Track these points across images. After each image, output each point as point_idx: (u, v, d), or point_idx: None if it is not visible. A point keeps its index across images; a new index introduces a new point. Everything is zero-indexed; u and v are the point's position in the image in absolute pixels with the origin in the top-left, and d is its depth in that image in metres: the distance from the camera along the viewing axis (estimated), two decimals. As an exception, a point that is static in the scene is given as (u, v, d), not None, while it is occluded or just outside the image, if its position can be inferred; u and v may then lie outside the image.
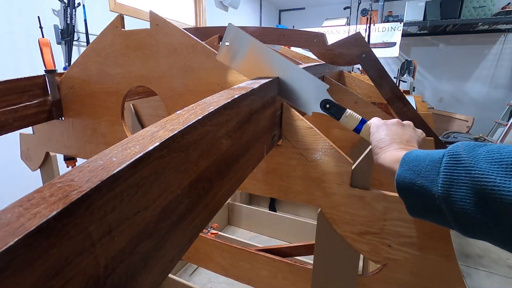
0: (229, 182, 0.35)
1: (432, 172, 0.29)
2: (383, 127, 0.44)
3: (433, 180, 0.28)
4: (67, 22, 1.81)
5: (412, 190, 0.31)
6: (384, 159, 0.39)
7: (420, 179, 0.30)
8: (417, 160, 0.32)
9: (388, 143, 0.40)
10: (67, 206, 0.15)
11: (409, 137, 0.41)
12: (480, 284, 1.49)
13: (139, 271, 0.21)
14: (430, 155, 0.31)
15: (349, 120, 0.48)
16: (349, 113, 0.48)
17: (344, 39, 1.00)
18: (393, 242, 0.47)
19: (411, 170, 0.32)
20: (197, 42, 0.62)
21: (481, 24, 3.56)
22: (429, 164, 0.30)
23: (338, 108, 0.48)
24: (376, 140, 0.43)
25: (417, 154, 0.32)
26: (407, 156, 0.34)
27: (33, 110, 0.76)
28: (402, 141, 0.40)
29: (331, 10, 4.52)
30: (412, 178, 0.31)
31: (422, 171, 0.30)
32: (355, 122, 0.47)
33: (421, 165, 0.31)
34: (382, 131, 0.43)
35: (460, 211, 0.26)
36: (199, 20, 3.26)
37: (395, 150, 0.38)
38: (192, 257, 0.90)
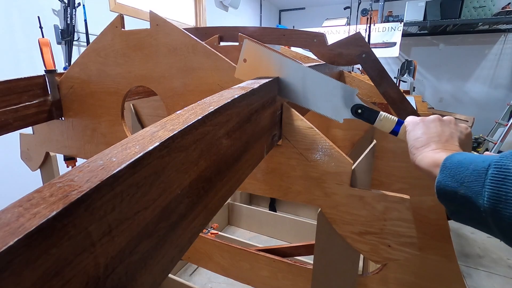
0: (229, 182, 0.35)
1: (476, 183, 0.27)
2: (420, 124, 0.41)
3: (478, 192, 0.27)
4: (67, 22, 1.81)
5: (454, 199, 0.30)
6: (421, 161, 0.37)
7: (463, 189, 0.28)
8: (459, 166, 0.29)
9: (425, 142, 0.38)
10: (67, 206, 0.15)
11: (449, 135, 0.38)
12: (480, 284, 1.49)
13: (139, 271, 0.21)
14: (474, 162, 0.28)
15: (384, 123, 0.46)
16: (383, 116, 0.46)
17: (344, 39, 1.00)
18: (393, 242, 0.47)
19: (452, 177, 0.30)
20: (197, 42, 0.62)
21: (481, 24, 3.57)
22: (472, 173, 0.28)
23: (371, 112, 0.46)
24: (412, 139, 0.40)
25: (459, 160, 0.30)
26: (448, 161, 0.31)
27: (33, 110, 0.76)
28: (441, 140, 0.37)
29: (331, 10, 4.52)
30: (454, 187, 0.29)
31: (465, 180, 0.28)
32: (391, 124, 0.45)
33: (464, 173, 0.29)
34: (418, 129, 0.40)
35: (508, 227, 0.25)
36: (199, 20, 3.26)
37: (433, 151, 0.36)
38: (192, 257, 0.90)
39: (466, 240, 1.86)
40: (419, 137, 0.39)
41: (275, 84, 0.49)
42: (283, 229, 1.78)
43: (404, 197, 0.44)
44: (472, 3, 3.34)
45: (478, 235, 1.90)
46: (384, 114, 0.46)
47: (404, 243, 0.46)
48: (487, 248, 1.76)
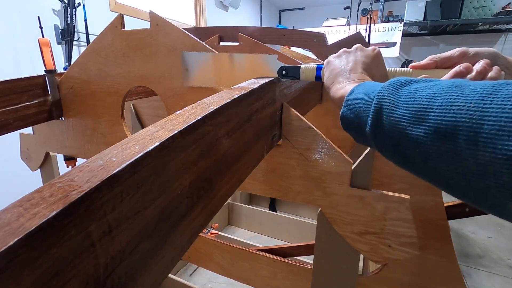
0: (229, 182, 0.35)
1: (365, 113, 0.31)
2: (330, 62, 0.44)
3: (366, 121, 0.31)
4: (67, 22, 1.81)
5: (351, 128, 0.35)
6: (333, 97, 0.40)
7: (357, 119, 0.33)
8: (356, 99, 0.33)
9: (334, 78, 0.41)
10: (67, 206, 0.15)
11: (353, 64, 0.41)
12: (480, 284, 1.49)
13: (139, 271, 0.21)
14: (367, 93, 0.32)
15: (307, 73, 0.48)
16: (304, 67, 0.48)
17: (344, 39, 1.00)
18: (393, 242, 0.47)
19: (351, 109, 0.34)
20: (197, 42, 0.62)
21: (481, 24, 3.56)
22: (364, 105, 0.32)
23: (294, 69, 0.49)
24: (325, 78, 0.44)
25: (358, 92, 0.34)
26: (350, 94, 0.35)
27: (33, 110, 0.76)
28: (345, 73, 0.40)
29: (331, 10, 4.52)
30: (352, 118, 0.34)
31: (359, 111, 0.32)
32: (313, 71, 0.47)
33: (358, 105, 0.33)
34: (328, 68, 0.44)
35: (382, 149, 0.30)
36: (199, 20, 3.26)
37: (340, 86, 0.39)
38: (192, 257, 0.90)
39: (466, 240, 1.86)
40: (329, 74, 0.43)
41: (275, 84, 0.49)
42: (283, 229, 1.78)
43: (404, 197, 0.44)
44: (472, 3, 3.33)
45: (478, 235, 1.90)
46: (304, 65, 0.48)
47: (404, 243, 0.46)
48: (487, 248, 1.76)
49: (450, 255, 0.62)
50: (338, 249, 0.53)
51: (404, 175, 0.75)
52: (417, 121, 0.24)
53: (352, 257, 0.53)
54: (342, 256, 0.53)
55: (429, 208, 0.66)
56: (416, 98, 0.25)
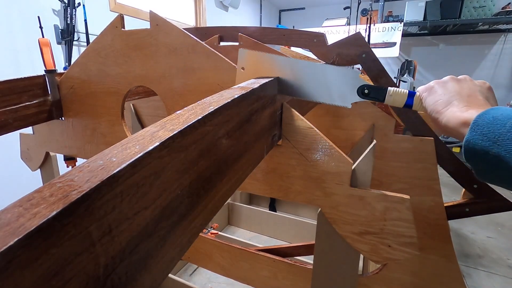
0: (229, 182, 0.35)
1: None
2: (435, 87, 0.39)
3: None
4: (67, 22, 1.81)
5: (484, 158, 0.28)
6: (448, 122, 0.34)
7: (496, 147, 0.26)
8: (494, 123, 0.27)
9: (447, 102, 0.35)
10: (67, 206, 0.15)
11: (469, 91, 0.35)
12: (480, 284, 1.49)
13: (139, 271, 0.21)
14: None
15: (395, 97, 0.44)
16: (393, 91, 0.44)
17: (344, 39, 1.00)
18: (393, 242, 0.47)
19: (484, 135, 0.27)
20: (197, 42, 0.62)
21: (481, 24, 3.56)
22: (510, 130, 0.25)
23: (379, 90, 0.45)
24: (431, 103, 0.38)
25: (495, 117, 0.27)
26: (481, 118, 0.28)
27: (33, 110, 0.76)
28: (462, 97, 0.35)
29: (331, 10, 4.52)
30: (486, 145, 0.27)
31: (500, 138, 0.26)
32: (403, 97, 0.44)
33: (499, 130, 0.26)
34: (435, 92, 0.38)
35: None
36: (199, 20, 3.26)
37: (459, 110, 0.33)
38: (192, 257, 0.90)
39: (466, 240, 1.85)
40: (439, 99, 0.37)
41: (275, 84, 0.49)
42: (283, 229, 1.78)
43: (404, 197, 0.44)
44: (472, 3, 3.33)
45: (478, 235, 1.90)
46: (393, 89, 0.45)
47: (404, 243, 0.46)
48: (487, 248, 1.76)
49: (450, 255, 0.62)
50: (338, 249, 0.53)
51: (404, 175, 0.75)
52: None
53: (352, 257, 0.53)
54: (342, 256, 0.53)
55: (429, 208, 0.66)
56: None
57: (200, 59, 0.62)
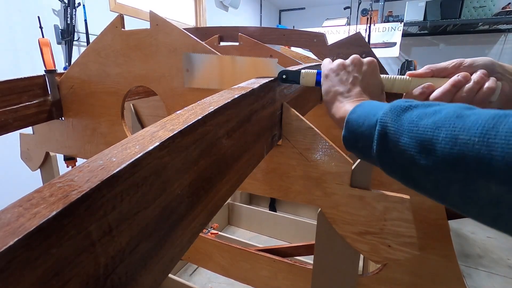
0: (229, 182, 0.35)
1: (369, 138, 0.32)
2: (329, 76, 0.44)
3: (370, 145, 0.32)
4: (67, 22, 1.81)
5: (354, 149, 0.36)
6: (333, 116, 0.41)
7: (360, 142, 0.34)
8: (357, 122, 0.34)
9: (333, 95, 0.42)
10: (67, 206, 0.15)
11: (350, 82, 0.42)
12: (480, 284, 1.49)
13: (139, 271, 0.21)
14: (368, 117, 0.33)
15: (307, 78, 0.48)
16: (305, 72, 0.48)
17: (344, 39, 1.00)
18: (393, 242, 0.47)
19: (352, 132, 0.35)
20: (197, 42, 0.62)
21: (481, 24, 3.56)
22: (366, 129, 0.32)
23: (294, 73, 0.49)
24: (323, 93, 0.44)
25: (358, 115, 0.35)
26: (350, 116, 0.36)
27: (33, 110, 0.76)
28: (344, 90, 0.41)
29: (331, 10, 4.52)
30: (354, 140, 0.35)
31: (361, 135, 0.33)
32: (313, 76, 0.48)
33: (360, 129, 0.33)
34: (326, 83, 0.44)
35: (390, 173, 0.31)
36: (199, 20, 3.26)
37: (340, 105, 0.40)
38: (192, 257, 0.90)
39: (466, 240, 1.86)
40: (328, 90, 0.43)
41: (275, 84, 0.49)
42: (283, 229, 1.78)
43: (404, 197, 0.44)
44: (472, 3, 3.33)
45: (478, 235, 1.90)
46: (305, 71, 0.48)
47: (404, 243, 0.46)
48: (487, 248, 1.76)
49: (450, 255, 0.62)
50: (338, 249, 0.53)
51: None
52: (424, 151, 0.25)
53: (352, 257, 0.53)
54: (342, 256, 0.53)
55: (429, 208, 0.66)
56: (420, 127, 0.26)
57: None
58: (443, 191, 0.25)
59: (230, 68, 0.56)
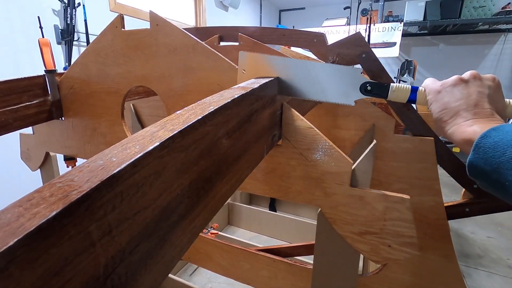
0: (229, 182, 0.35)
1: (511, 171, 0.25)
2: (442, 93, 0.38)
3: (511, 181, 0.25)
4: (67, 22, 1.81)
5: (485, 179, 0.29)
6: (452, 135, 0.34)
7: (496, 174, 0.27)
8: (495, 150, 0.27)
9: (453, 113, 0.35)
10: (67, 206, 0.15)
11: (477, 97, 0.35)
12: (480, 284, 1.49)
13: (139, 271, 0.21)
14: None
15: (398, 93, 0.44)
16: (396, 86, 0.45)
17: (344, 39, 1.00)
18: (393, 242, 0.47)
19: (486, 160, 0.28)
20: (197, 42, 0.62)
21: (481, 24, 3.56)
22: (509, 160, 0.25)
23: (381, 86, 0.45)
24: (437, 111, 0.37)
25: (496, 142, 0.28)
26: (482, 141, 0.29)
27: (33, 110, 0.76)
28: (469, 106, 0.34)
29: (331, 10, 4.52)
30: (487, 170, 0.28)
31: (500, 166, 0.26)
32: (406, 93, 0.44)
33: (500, 158, 0.26)
34: (442, 99, 0.37)
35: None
36: (199, 20, 3.26)
37: (465, 123, 0.33)
38: (192, 257, 0.90)
39: (466, 240, 1.85)
40: (445, 108, 0.36)
41: (275, 84, 0.49)
42: (283, 229, 1.78)
43: (404, 197, 0.44)
44: (472, 3, 3.33)
45: (478, 235, 1.90)
46: (396, 85, 0.45)
47: (404, 243, 0.46)
48: (487, 248, 1.76)
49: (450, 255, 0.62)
50: (338, 249, 0.53)
51: (404, 175, 0.75)
52: None
53: (352, 257, 0.53)
54: (342, 256, 0.53)
55: (429, 208, 0.66)
56: None
57: (200, 59, 0.62)
58: None
59: (319, 75, 0.49)
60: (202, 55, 0.62)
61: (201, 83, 0.64)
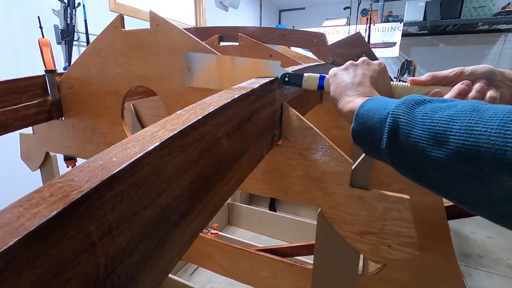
0: (229, 182, 0.35)
1: (379, 130, 0.32)
2: (337, 74, 0.44)
3: (380, 138, 0.31)
4: (67, 22, 1.81)
5: (363, 143, 0.35)
6: (341, 110, 0.40)
7: (369, 135, 0.33)
8: (368, 115, 0.34)
9: (342, 91, 0.42)
10: (67, 206, 0.15)
11: (361, 78, 0.42)
12: (480, 284, 1.49)
13: (139, 271, 0.21)
14: (379, 110, 0.32)
15: (309, 82, 0.48)
16: (307, 76, 0.49)
17: (344, 39, 1.00)
18: (393, 242, 0.47)
19: (362, 125, 0.34)
20: (197, 42, 0.62)
21: (481, 24, 3.56)
22: (377, 121, 0.32)
23: (297, 76, 0.49)
24: (332, 90, 0.44)
25: (369, 109, 0.34)
26: (360, 110, 0.35)
27: (33, 110, 0.76)
28: (354, 86, 0.41)
29: (331, 10, 4.52)
30: (364, 134, 0.34)
31: (371, 127, 0.33)
32: (316, 80, 0.48)
33: (370, 121, 0.33)
34: (336, 80, 0.44)
35: (399, 167, 0.30)
36: (199, 20, 3.26)
37: (349, 99, 0.39)
38: (192, 257, 0.90)
39: (466, 240, 1.86)
40: (337, 87, 0.43)
41: (275, 84, 0.49)
42: (283, 229, 1.78)
43: (404, 197, 0.44)
44: (472, 3, 3.33)
45: (478, 235, 1.90)
46: (308, 74, 0.49)
47: (404, 243, 0.46)
48: (487, 248, 1.76)
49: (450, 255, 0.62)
50: (338, 249, 0.53)
51: (404, 175, 0.75)
52: (437, 143, 0.25)
53: (352, 257, 0.53)
54: (342, 256, 0.53)
55: (429, 208, 0.66)
56: (434, 119, 0.26)
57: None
58: (453, 185, 0.24)
59: (230, 68, 0.56)
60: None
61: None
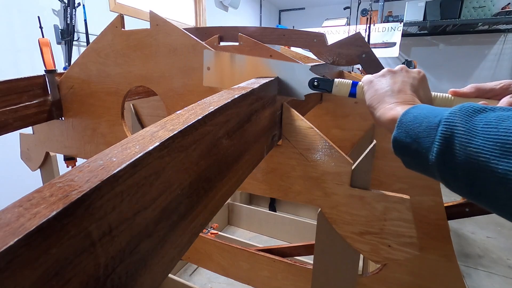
0: (229, 182, 0.35)
1: (427, 139, 0.29)
2: (373, 82, 0.43)
3: (428, 148, 0.29)
4: (67, 22, 1.81)
5: (407, 153, 0.33)
6: (380, 118, 0.38)
7: (415, 144, 0.31)
8: (414, 122, 0.31)
9: (380, 99, 0.40)
10: (67, 206, 0.15)
11: (401, 85, 0.40)
12: (480, 284, 1.49)
13: (139, 271, 0.21)
14: (428, 118, 0.30)
15: (340, 88, 0.48)
16: (338, 81, 0.48)
17: (344, 39, 1.00)
18: (393, 242, 0.47)
19: (407, 133, 0.32)
20: (197, 42, 0.62)
21: (481, 24, 3.57)
22: (425, 129, 0.29)
23: (327, 81, 0.49)
24: (368, 98, 0.42)
25: (415, 116, 0.32)
26: (404, 117, 0.33)
27: (33, 110, 0.76)
28: (393, 93, 0.39)
29: (331, 10, 4.52)
30: (408, 142, 0.32)
31: (418, 136, 0.30)
32: (347, 87, 0.48)
33: (417, 129, 0.30)
34: (372, 87, 0.42)
35: (450, 180, 0.28)
36: (199, 20, 3.26)
37: (389, 107, 0.37)
38: (192, 257, 0.90)
39: (466, 240, 1.86)
40: (374, 94, 0.41)
41: (275, 84, 0.49)
42: (283, 229, 1.78)
43: (404, 197, 0.44)
44: (472, 3, 3.34)
45: (478, 235, 1.90)
46: (339, 80, 0.48)
47: (404, 243, 0.46)
48: (487, 248, 1.76)
49: (450, 255, 0.62)
50: (338, 249, 0.53)
51: (404, 175, 0.75)
52: (505, 155, 0.23)
53: (352, 257, 0.53)
54: (342, 256, 0.53)
55: (429, 208, 0.66)
56: (500, 129, 0.23)
57: (200, 59, 0.62)
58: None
59: (249, 69, 0.53)
60: (202, 55, 0.62)
61: (201, 83, 0.64)
